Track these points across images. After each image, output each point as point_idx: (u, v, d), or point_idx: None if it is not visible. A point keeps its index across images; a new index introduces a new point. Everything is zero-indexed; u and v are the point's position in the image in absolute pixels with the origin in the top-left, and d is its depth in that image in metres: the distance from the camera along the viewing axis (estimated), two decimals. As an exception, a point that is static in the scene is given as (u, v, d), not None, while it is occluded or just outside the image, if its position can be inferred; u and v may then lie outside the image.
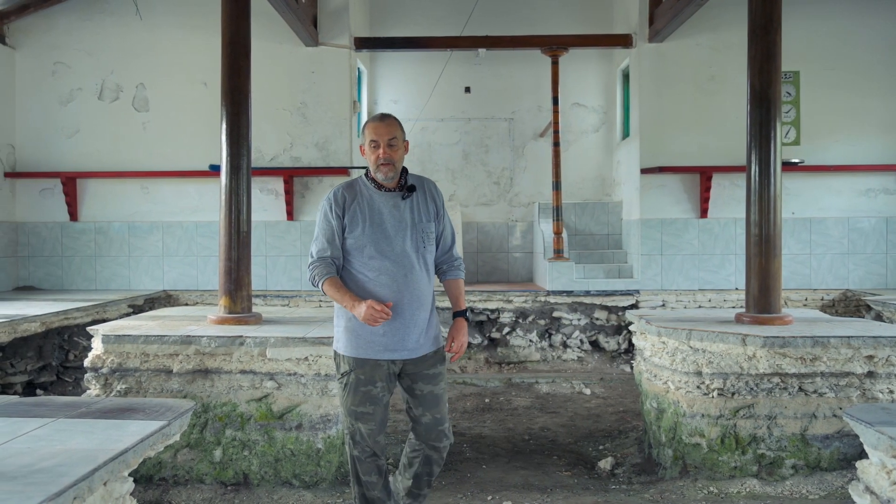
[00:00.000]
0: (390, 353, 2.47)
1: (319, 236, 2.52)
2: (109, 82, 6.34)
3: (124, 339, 3.44)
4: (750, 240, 3.83)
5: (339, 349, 2.53)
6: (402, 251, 2.47)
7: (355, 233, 2.46)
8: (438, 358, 2.58)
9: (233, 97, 3.94)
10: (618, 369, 6.14)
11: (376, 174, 2.49)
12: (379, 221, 2.48)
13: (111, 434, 1.91)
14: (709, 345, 3.43)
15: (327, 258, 2.48)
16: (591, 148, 7.42)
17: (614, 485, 3.55)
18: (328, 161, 6.27)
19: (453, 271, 2.68)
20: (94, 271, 6.36)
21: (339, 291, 2.42)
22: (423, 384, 2.52)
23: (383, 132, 2.46)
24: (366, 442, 2.51)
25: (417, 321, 2.48)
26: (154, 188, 6.34)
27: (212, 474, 3.40)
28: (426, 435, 2.57)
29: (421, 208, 2.54)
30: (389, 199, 2.51)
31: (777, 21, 3.76)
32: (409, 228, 2.50)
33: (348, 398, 2.50)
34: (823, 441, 3.36)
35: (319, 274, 2.47)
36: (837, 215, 6.20)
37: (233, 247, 3.90)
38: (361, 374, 2.47)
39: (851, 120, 6.16)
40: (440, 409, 2.56)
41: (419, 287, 2.49)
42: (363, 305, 2.33)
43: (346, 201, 2.50)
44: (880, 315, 5.35)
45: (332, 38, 6.25)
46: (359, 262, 2.48)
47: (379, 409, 2.50)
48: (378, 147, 2.46)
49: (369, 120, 2.53)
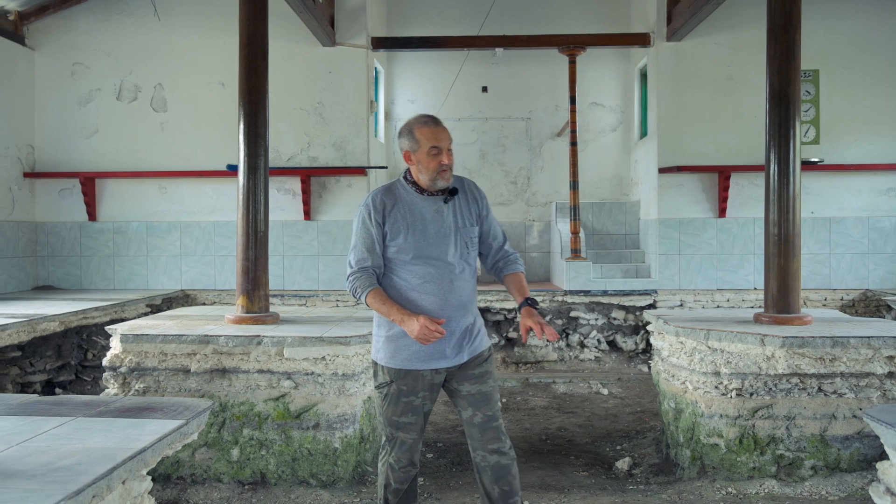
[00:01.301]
0: (434, 362, 2.41)
1: (358, 245, 2.42)
2: (128, 83, 6.52)
3: (142, 339, 3.52)
4: (769, 239, 3.87)
5: (379, 359, 2.48)
6: (447, 257, 2.41)
7: (397, 240, 2.39)
8: (484, 358, 2.51)
9: (250, 97, 4.03)
10: (635, 369, 6.24)
11: (436, 181, 2.40)
12: (422, 228, 2.41)
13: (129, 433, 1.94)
14: (727, 345, 3.47)
15: (368, 268, 2.40)
16: (609, 147, 7.55)
17: (632, 485, 3.60)
18: (345, 161, 6.42)
19: (511, 266, 2.57)
20: (113, 271, 6.55)
21: (386, 304, 2.34)
22: (469, 385, 2.47)
23: (444, 137, 2.39)
24: (404, 451, 2.48)
25: (461, 328, 2.43)
26: (172, 188, 6.52)
27: (229, 473, 3.47)
28: (481, 437, 2.46)
29: (464, 211, 2.48)
30: (431, 203, 2.44)
31: (797, 20, 3.81)
32: (452, 234, 2.43)
33: (389, 408, 2.47)
34: (843, 442, 3.39)
35: (361, 286, 2.38)
36: (857, 215, 6.30)
37: (250, 246, 3.99)
38: (403, 384, 2.43)
39: (871, 119, 6.26)
40: (491, 407, 2.47)
41: (464, 294, 2.44)
42: (415, 322, 2.26)
43: (385, 207, 2.41)
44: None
45: (350, 38, 6.41)
46: (401, 269, 2.41)
47: (420, 419, 2.48)
48: (440, 153, 2.37)
49: (420, 124, 2.42)
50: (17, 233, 6.31)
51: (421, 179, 2.43)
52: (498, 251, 2.58)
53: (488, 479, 2.48)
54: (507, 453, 2.47)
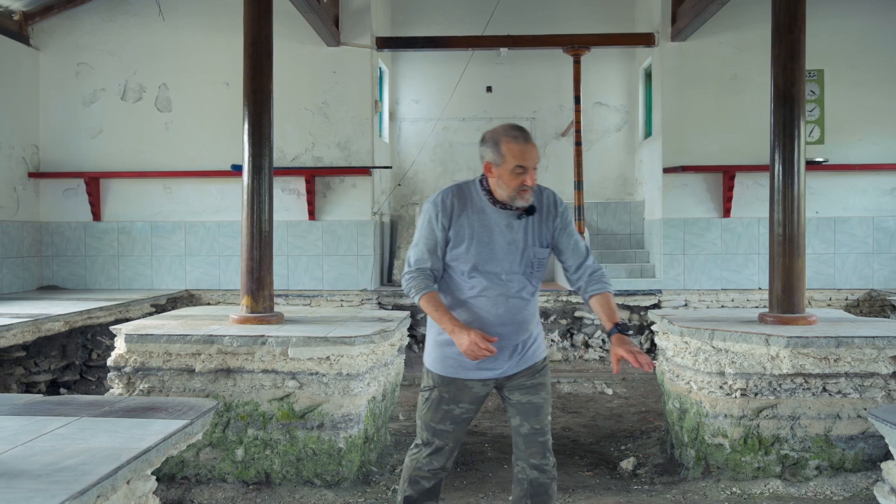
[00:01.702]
0: (482, 372, 2.35)
1: (420, 243, 2.34)
2: (132, 83, 6.58)
3: (147, 339, 3.53)
4: (773, 239, 3.89)
5: (427, 363, 2.44)
6: (508, 275, 2.31)
7: (459, 248, 2.30)
8: (537, 369, 2.43)
9: (255, 97, 4.05)
10: (640, 369, 6.28)
11: (515, 200, 2.26)
12: (487, 240, 2.30)
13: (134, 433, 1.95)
14: (732, 345, 3.48)
15: (426, 269, 2.32)
16: (614, 147, 7.62)
17: (636, 485, 3.62)
18: (350, 161, 6.47)
19: (596, 284, 2.38)
20: (117, 271, 6.60)
21: (439, 311, 2.26)
22: (520, 394, 2.40)
23: (531, 156, 2.24)
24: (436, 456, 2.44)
25: (513, 344, 2.36)
26: (176, 188, 6.57)
27: (234, 473, 3.48)
28: (525, 449, 2.40)
29: (536, 230, 2.34)
30: (503, 217, 2.31)
31: (801, 19, 3.83)
32: (519, 252, 2.32)
33: (428, 413, 2.43)
34: (848, 442, 3.40)
35: (417, 287, 2.30)
36: (862, 215, 6.34)
37: (255, 246, 4.01)
38: (446, 392, 2.39)
39: (876, 119, 6.31)
40: (540, 420, 2.40)
41: (519, 313, 2.34)
42: (466, 336, 2.16)
43: (454, 210, 2.31)
44: (905, 315, 5.48)
45: (354, 38, 6.46)
46: (458, 277, 2.34)
47: (459, 429, 2.42)
48: (524, 173, 2.23)
49: (510, 139, 2.25)
50: (22, 233, 6.36)
51: (498, 193, 2.29)
52: (579, 268, 2.40)
53: (523, 492, 2.43)
54: (549, 472, 2.40)
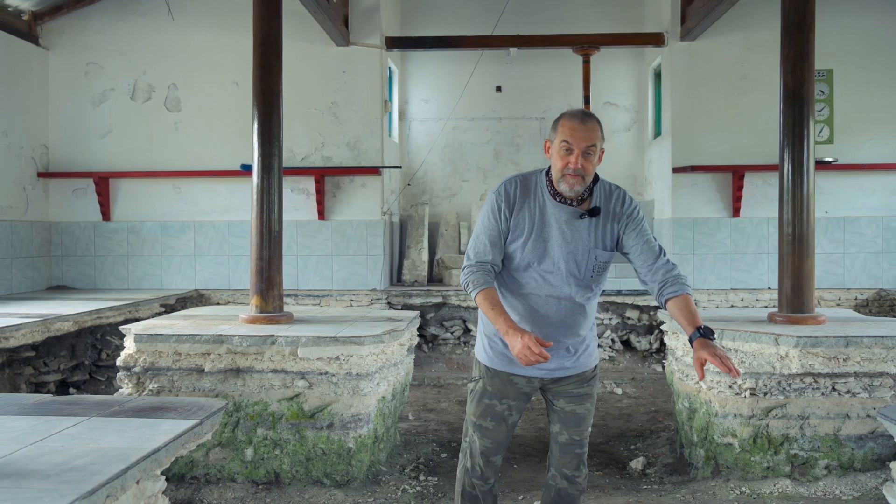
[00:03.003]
0: (530, 370, 2.28)
1: (481, 236, 2.26)
2: (142, 82, 6.70)
3: (156, 339, 3.58)
4: (783, 239, 3.96)
5: (477, 354, 2.43)
6: (564, 276, 2.23)
7: (517, 242, 2.23)
8: (587, 378, 2.37)
9: (264, 97, 4.10)
10: (649, 369, 6.39)
11: (559, 184, 2.19)
12: (546, 236, 2.22)
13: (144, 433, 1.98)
14: (741, 344, 3.54)
15: (486, 264, 2.24)
16: (623, 147, 7.74)
17: (646, 485, 3.69)
18: (359, 161, 6.59)
19: (672, 287, 2.21)
20: (127, 271, 6.72)
21: (495, 310, 2.15)
22: (564, 402, 2.35)
23: (582, 136, 2.12)
24: (478, 458, 2.39)
25: (563, 346, 2.29)
26: (186, 188, 6.69)
27: (243, 473, 3.54)
28: (560, 458, 2.39)
29: (599, 232, 2.22)
30: (565, 213, 2.21)
31: (810, 19, 3.90)
32: (579, 253, 2.22)
33: (472, 406, 2.41)
34: (857, 441, 3.46)
35: (475, 282, 2.21)
36: (871, 214, 6.46)
37: (264, 246, 4.06)
38: (489, 385, 2.35)
39: (886, 118, 6.42)
40: (580, 431, 2.36)
41: (572, 316, 2.27)
42: (519, 340, 2.04)
43: (516, 200, 2.24)
44: (914, 314, 5.58)
45: (364, 38, 6.57)
46: (514, 271, 2.28)
47: (500, 428, 2.36)
48: (570, 153, 2.13)
49: (566, 116, 2.20)
50: (31, 233, 6.48)
51: (555, 178, 2.22)
52: (651, 269, 2.24)
53: (550, 499, 2.44)
54: (579, 484, 2.40)
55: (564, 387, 2.34)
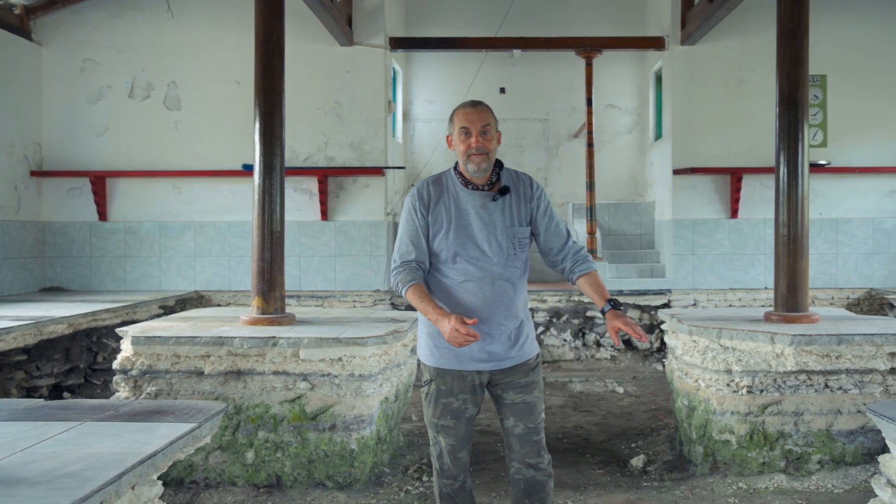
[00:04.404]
0: (475, 363, 2.41)
1: (403, 237, 2.44)
2: (140, 80, 6.69)
3: (155, 341, 3.55)
4: (779, 240, 4.08)
5: (422, 357, 2.51)
6: (490, 257, 2.39)
7: (439, 235, 2.40)
8: (531, 367, 2.50)
9: (266, 96, 4.11)
10: (650, 368, 6.56)
11: (467, 166, 2.38)
12: (465, 224, 2.40)
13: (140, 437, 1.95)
14: (738, 343, 3.63)
15: (411, 262, 2.41)
16: (625, 149, 7.98)
17: (646, 482, 3.75)
18: (363, 161, 6.67)
19: (582, 264, 2.47)
20: (124, 272, 6.70)
21: (424, 301, 2.32)
22: (514, 393, 2.46)
23: (475, 119, 2.36)
24: (446, 459, 2.49)
25: (504, 331, 2.42)
26: (186, 188, 6.71)
27: (244, 476, 3.53)
28: (520, 449, 2.47)
29: (514, 210, 2.43)
30: (478, 198, 2.41)
31: (805, 26, 4.05)
32: (498, 233, 2.40)
33: (429, 409, 2.49)
34: (848, 436, 3.59)
35: (402, 280, 2.38)
36: (862, 216, 6.77)
37: (266, 247, 4.07)
38: (442, 384, 2.44)
39: (876, 123, 6.73)
40: (533, 419, 2.47)
41: (506, 295, 2.41)
42: (447, 323, 2.20)
43: (430, 198, 2.42)
44: (904, 313, 5.85)
45: (367, 38, 6.66)
46: (443, 266, 2.42)
47: (461, 424, 2.46)
48: (470, 136, 2.35)
49: (459, 107, 2.43)
50: (24, 233, 6.43)
51: (461, 166, 2.43)
52: (561, 250, 2.50)
53: (521, 492, 2.50)
54: (545, 469, 2.48)
55: (511, 378, 2.45)
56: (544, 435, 2.53)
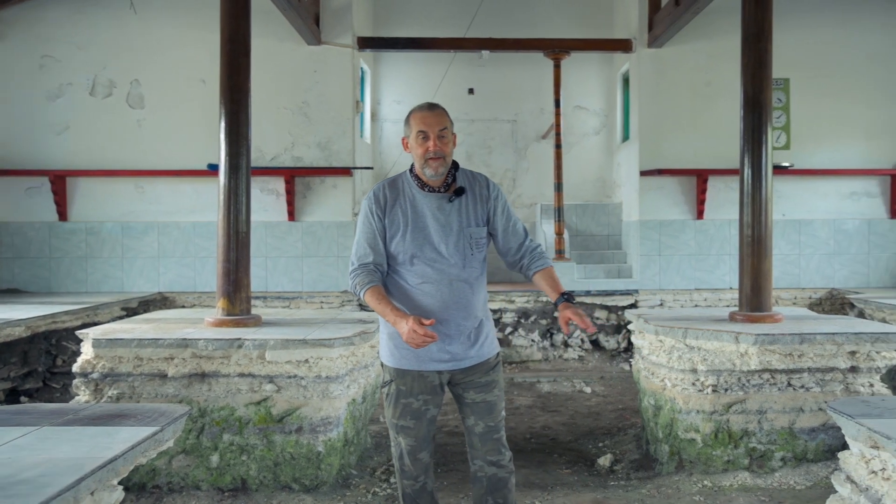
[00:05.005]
0: (435, 363, 2.43)
1: (360, 240, 2.45)
2: (102, 78, 6.59)
3: (116, 343, 3.50)
4: (743, 241, 4.15)
5: (383, 358, 2.53)
6: (447, 258, 2.41)
7: (396, 238, 2.42)
8: (491, 366, 2.53)
9: (232, 95, 4.08)
10: (617, 368, 6.63)
11: (424, 170, 2.39)
12: (422, 226, 2.42)
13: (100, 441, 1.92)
14: (704, 343, 3.69)
15: (369, 265, 2.42)
16: (592, 150, 8.06)
17: (613, 481, 3.78)
18: (331, 161, 6.65)
19: (539, 261, 2.53)
20: (85, 273, 6.59)
21: (382, 303, 2.33)
22: (474, 392, 2.50)
23: (433, 122, 2.37)
24: (406, 459, 2.52)
25: (463, 331, 2.45)
26: (149, 187, 6.62)
27: (208, 480, 3.49)
28: (482, 447, 2.51)
29: (470, 211, 2.45)
30: (434, 200, 2.43)
31: (768, 30, 4.13)
32: (454, 234, 2.42)
33: (389, 409, 2.51)
34: (810, 434, 3.67)
35: (360, 283, 2.39)
36: (824, 217, 6.92)
37: (231, 248, 4.05)
38: (402, 385, 2.46)
39: (837, 126, 6.89)
40: (494, 418, 2.51)
41: (464, 296, 2.44)
42: (405, 325, 2.23)
43: (387, 201, 2.43)
44: (862, 312, 5.95)
45: (335, 38, 6.64)
46: (401, 268, 2.44)
47: (421, 425, 2.47)
48: (427, 139, 2.35)
49: (415, 109, 2.44)
50: (-22, 233, 6.29)
51: (419, 170, 2.43)
52: (519, 249, 2.54)
53: (483, 490, 2.54)
54: (506, 466, 2.53)
55: (471, 377, 2.48)
56: (505, 433, 2.57)
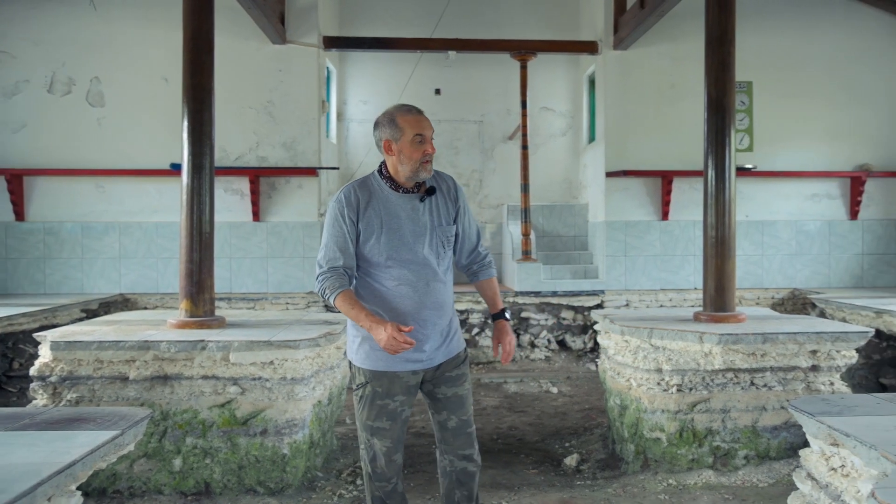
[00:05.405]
0: (410, 364, 2.44)
1: (329, 243, 2.40)
2: (60, 75, 6.47)
3: (76, 346, 3.45)
4: (707, 241, 4.20)
5: (356, 361, 2.49)
6: (423, 259, 2.42)
7: (370, 241, 2.39)
8: (460, 360, 2.56)
9: (195, 94, 4.05)
10: (584, 368, 6.68)
11: (418, 173, 2.39)
12: (397, 227, 2.40)
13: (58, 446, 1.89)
14: (668, 342, 3.73)
15: (339, 268, 2.39)
16: (559, 151, 8.10)
17: (579, 481, 3.80)
18: (296, 161, 6.61)
19: (485, 270, 2.62)
20: (43, 274, 6.48)
21: (355, 308, 2.33)
22: (445, 388, 2.51)
23: (427, 126, 2.40)
24: (379, 462, 2.50)
25: (438, 330, 2.47)
26: (110, 187, 6.52)
27: (171, 484, 3.46)
28: (454, 441, 2.54)
29: (440, 210, 2.48)
30: (407, 201, 2.43)
31: (731, 34, 4.17)
32: (428, 233, 2.44)
33: (364, 412, 2.48)
34: (772, 432, 3.72)
35: (331, 287, 2.36)
36: (786, 218, 7.04)
37: (194, 248, 4.02)
38: (378, 386, 2.44)
39: (799, 129, 7.02)
40: (465, 412, 2.54)
41: (440, 295, 2.46)
42: (383, 331, 2.24)
43: (360, 204, 2.39)
44: (823, 312, 6.06)
45: (300, 37, 6.60)
46: (375, 271, 2.42)
47: (396, 426, 2.48)
48: (424, 142, 2.37)
49: (403, 112, 2.41)
50: (-70, 234, 6.14)
51: (400, 172, 2.41)
52: (472, 252, 2.60)
53: (452, 483, 2.57)
54: (476, 460, 2.56)
55: (442, 373, 2.51)
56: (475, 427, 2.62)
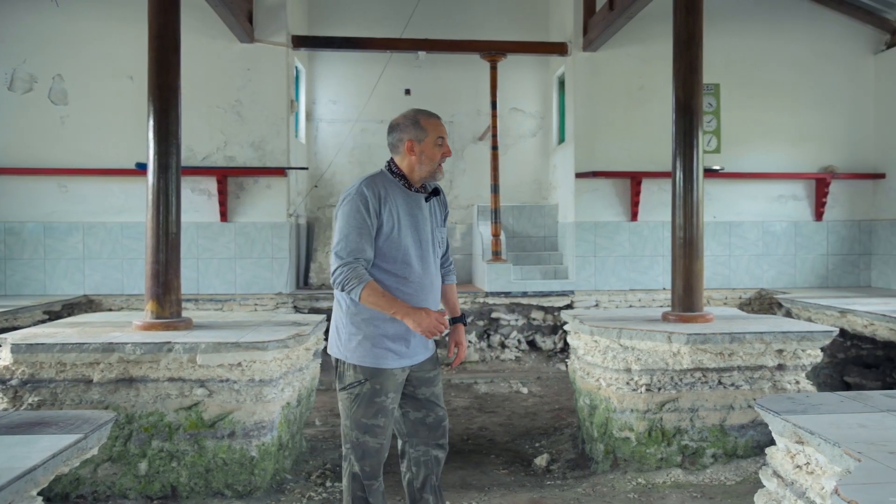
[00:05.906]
0: (403, 360, 2.51)
1: (352, 234, 2.40)
2: (21, 72, 6.37)
3: (37, 348, 3.42)
4: (675, 242, 4.25)
5: (352, 359, 2.50)
6: (428, 256, 2.54)
7: (383, 235, 2.45)
8: (435, 359, 2.68)
9: (160, 93, 4.04)
10: (554, 368, 6.72)
11: (435, 174, 2.52)
12: (410, 224, 2.50)
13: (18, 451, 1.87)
14: (637, 343, 3.78)
15: (361, 260, 2.40)
16: (529, 152, 8.13)
17: (549, 481, 3.85)
18: (264, 161, 6.56)
19: (450, 275, 2.77)
20: (3, 275, 6.38)
21: (386, 297, 2.38)
22: (425, 388, 2.62)
23: (445, 130, 2.55)
24: (369, 460, 2.52)
25: None
26: (74, 187, 6.43)
27: (136, 489, 3.45)
28: (430, 435, 2.65)
29: (437, 213, 2.63)
30: (417, 200, 2.54)
31: (699, 36, 4.24)
32: (430, 233, 2.56)
33: (359, 410, 2.49)
34: (740, 430, 3.78)
35: (356, 278, 2.36)
36: (753, 219, 7.14)
37: (160, 249, 4.01)
38: (377, 384, 2.47)
39: (766, 131, 7.12)
40: (441, 406, 2.68)
41: (436, 293, 2.59)
42: (423, 314, 2.37)
43: (381, 198, 2.44)
44: (789, 312, 6.17)
45: (269, 36, 6.56)
46: (387, 264, 2.47)
47: (389, 423, 2.55)
48: (443, 145, 2.50)
49: (425, 116, 2.53)
50: None
51: (416, 172, 2.50)
52: (444, 255, 2.74)
53: (427, 470, 2.66)
54: (446, 447, 2.71)
55: (420, 372, 2.61)
56: None
